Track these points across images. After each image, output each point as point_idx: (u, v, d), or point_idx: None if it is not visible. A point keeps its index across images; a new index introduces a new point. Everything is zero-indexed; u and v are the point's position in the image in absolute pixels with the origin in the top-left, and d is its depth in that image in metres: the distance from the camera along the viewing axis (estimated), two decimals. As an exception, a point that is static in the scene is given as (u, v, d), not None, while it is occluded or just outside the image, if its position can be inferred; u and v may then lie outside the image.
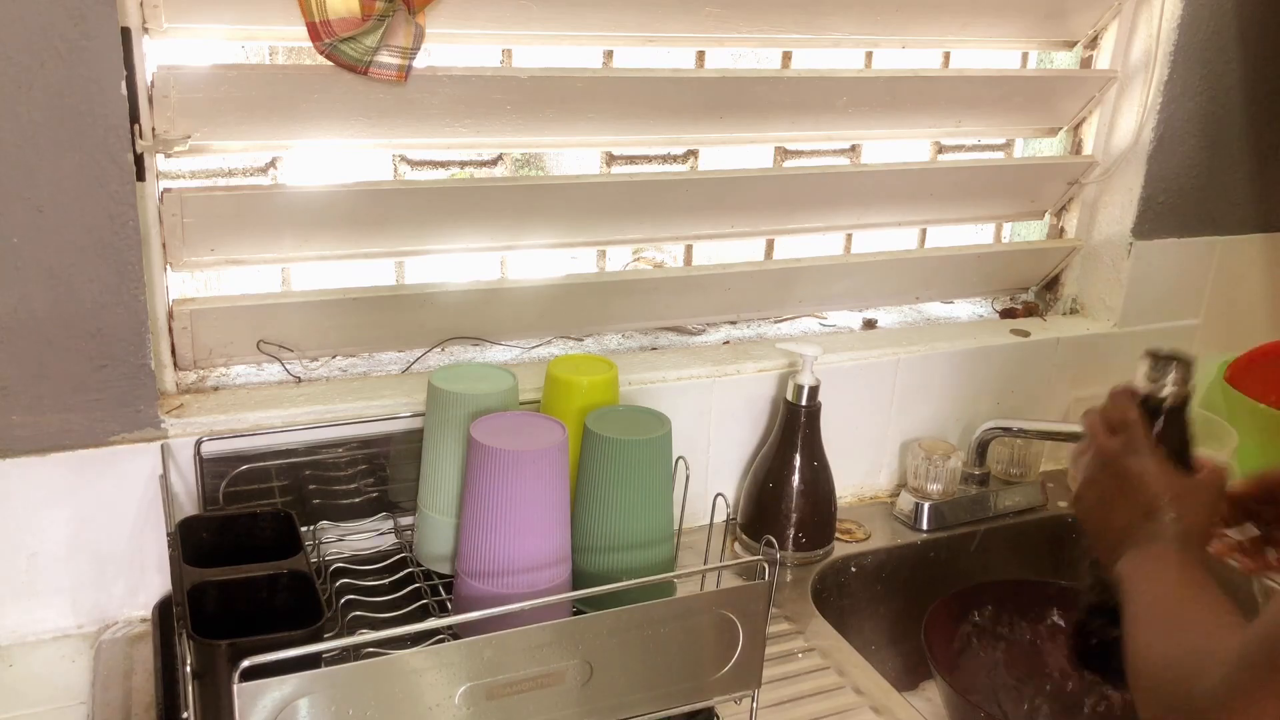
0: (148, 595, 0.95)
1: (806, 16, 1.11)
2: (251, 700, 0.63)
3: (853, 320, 1.33)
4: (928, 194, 1.28)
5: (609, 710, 0.76)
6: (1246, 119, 1.34)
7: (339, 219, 1.00)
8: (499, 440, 0.80)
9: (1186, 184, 1.33)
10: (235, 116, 0.92)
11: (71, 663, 0.90)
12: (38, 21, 0.78)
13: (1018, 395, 1.32)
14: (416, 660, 0.68)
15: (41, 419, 0.88)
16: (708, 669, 0.78)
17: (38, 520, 0.90)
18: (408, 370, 1.08)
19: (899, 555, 1.18)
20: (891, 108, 1.20)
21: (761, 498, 1.12)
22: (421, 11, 0.90)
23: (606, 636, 0.73)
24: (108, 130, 0.83)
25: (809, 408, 1.10)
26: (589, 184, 1.08)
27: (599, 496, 0.87)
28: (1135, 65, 1.29)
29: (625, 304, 1.17)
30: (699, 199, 1.14)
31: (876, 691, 0.93)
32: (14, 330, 0.85)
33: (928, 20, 1.18)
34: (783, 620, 1.02)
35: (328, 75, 0.91)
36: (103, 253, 0.86)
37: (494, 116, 1.01)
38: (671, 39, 1.08)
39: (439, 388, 0.90)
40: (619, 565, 0.88)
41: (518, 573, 0.80)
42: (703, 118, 1.11)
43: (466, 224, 1.06)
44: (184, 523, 0.83)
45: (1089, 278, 1.39)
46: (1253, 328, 1.48)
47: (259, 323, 1.01)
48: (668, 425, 0.89)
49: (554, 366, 0.96)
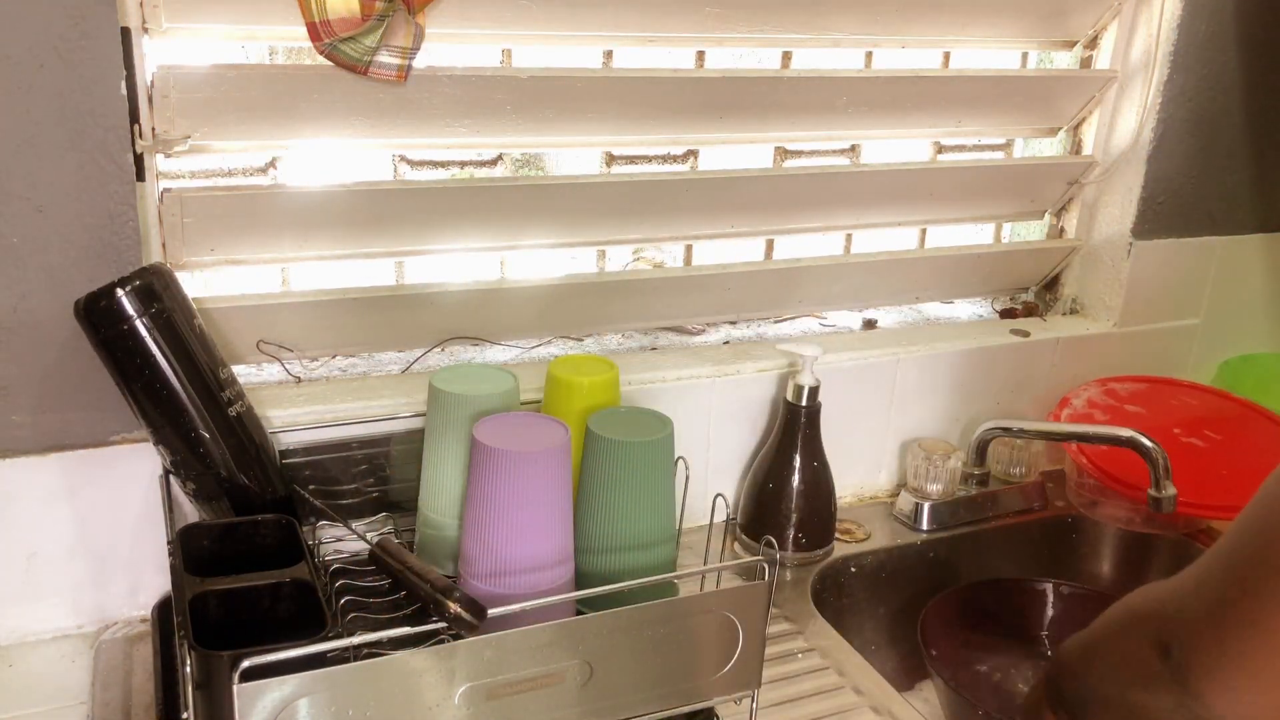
0: (147, 595, 0.95)
1: (806, 16, 1.11)
2: (251, 701, 0.63)
3: (853, 320, 1.33)
4: (927, 194, 1.28)
5: (609, 710, 0.76)
6: (1246, 119, 1.34)
7: (339, 219, 1.00)
8: (502, 441, 0.80)
9: (1186, 184, 1.33)
10: (235, 116, 0.92)
11: (71, 663, 0.90)
12: (38, 21, 0.78)
13: (1018, 395, 1.32)
14: (416, 660, 0.68)
15: (41, 419, 0.88)
16: (708, 669, 0.78)
17: (38, 520, 0.90)
18: (408, 370, 1.08)
19: (899, 555, 1.18)
20: (891, 108, 1.20)
21: (761, 498, 1.12)
22: (421, 11, 0.90)
23: (606, 637, 0.73)
24: (108, 130, 0.83)
25: (809, 408, 1.10)
26: (589, 184, 1.08)
27: (601, 498, 0.87)
28: (1135, 65, 1.29)
29: (625, 304, 1.17)
30: (699, 199, 1.14)
31: (876, 691, 0.93)
32: (14, 330, 0.85)
33: (928, 20, 1.18)
34: (783, 620, 1.02)
35: (328, 75, 0.91)
36: (103, 253, 0.86)
37: (494, 116, 1.01)
38: (671, 39, 1.08)
39: (440, 389, 0.90)
40: (621, 566, 0.88)
41: (520, 573, 0.80)
42: (703, 118, 1.11)
43: (466, 224, 1.06)
44: (185, 530, 0.83)
45: (1089, 278, 1.39)
46: (1253, 328, 1.48)
47: (259, 323, 1.01)
48: (669, 427, 0.89)
49: (555, 367, 0.96)
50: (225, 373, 0.85)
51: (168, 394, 0.81)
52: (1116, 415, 1.28)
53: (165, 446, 0.84)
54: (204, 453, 0.84)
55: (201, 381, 0.82)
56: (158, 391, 0.81)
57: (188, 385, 0.82)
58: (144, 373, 0.80)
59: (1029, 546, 1.27)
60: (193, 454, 0.83)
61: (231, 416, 0.85)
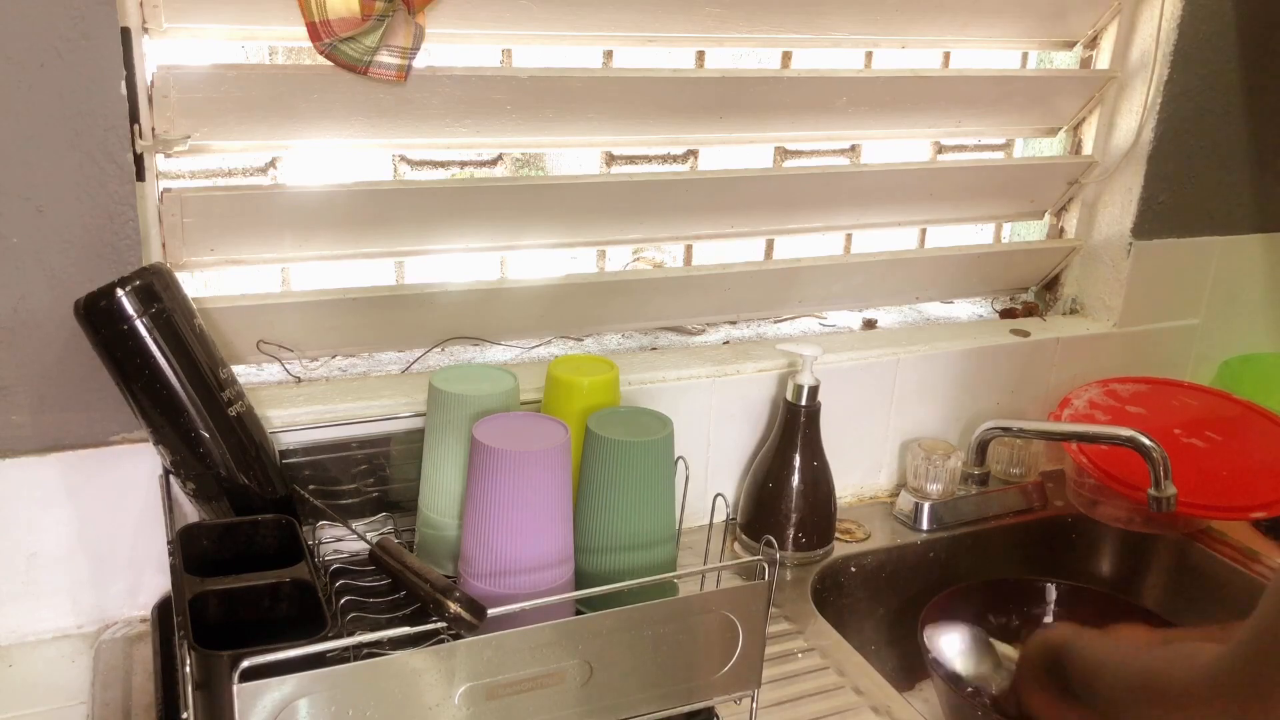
0: (147, 595, 0.95)
1: (806, 16, 1.11)
2: (251, 701, 0.63)
3: (853, 320, 1.33)
4: (927, 194, 1.28)
5: (609, 710, 0.76)
6: (1246, 119, 1.34)
7: (339, 219, 1.00)
8: (502, 441, 0.80)
9: (1186, 184, 1.33)
10: (235, 116, 0.92)
11: (71, 663, 0.90)
12: (38, 21, 0.78)
13: (1018, 395, 1.32)
14: (416, 660, 0.68)
15: (41, 419, 0.88)
16: (708, 669, 0.78)
17: (38, 520, 0.90)
18: (407, 370, 1.09)
19: (899, 555, 1.18)
20: (891, 108, 1.20)
21: (761, 498, 1.12)
22: (421, 11, 0.90)
23: (606, 636, 0.73)
24: (108, 130, 0.83)
25: (809, 408, 1.10)
26: (589, 184, 1.08)
27: (601, 498, 0.87)
28: (1135, 65, 1.29)
29: (625, 304, 1.17)
30: (699, 199, 1.14)
31: (876, 691, 0.93)
32: (14, 330, 0.85)
33: (928, 20, 1.18)
34: (783, 620, 1.02)
35: (328, 75, 0.91)
36: (103, 253, 0.86)
37: (494, 116, 1.01)
38: (671, 39, 1.08)
39: (440, 389, 0.90)
40: (622, 566, 0.88)
41: (520, 573, 0.80)
42: (703, 118, 1.11)
43: (466, 224, 1.06)
44: (184, 530, 0.83)
45: (1089, 278, 1.39)
46: (1253, 328, 1.48)
47: (259, 323, 1.01)
48: (670, 427, 0.89)
49: (555, 367, 0.96)
50: (225, 373, 0.85)
51: (168, 394, 0.81)
52: (1118, 416, 1.28)
53: (165, 446, 0.84)
54: (204, 453, 0.84)
55: (201, 381, 0.82)
56: (158, 391, 0.81)
57: (188, 385, 0.82)
58: (144, 373, 0.80)
59: (1029, 546, 1.27)
60: (193, 454, 0.83)
61: (231, 416, 0.84)
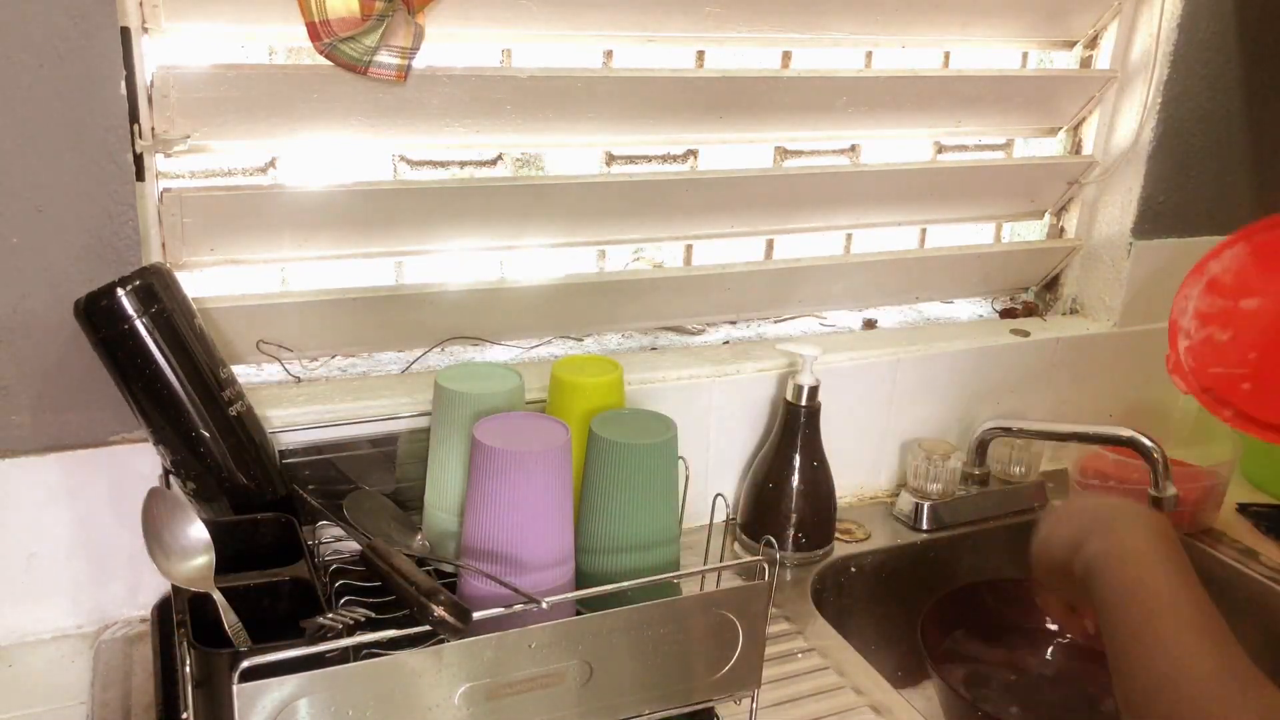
0: (147, 595, 0.95)
1: (806, 16, 1.11)
2: (251, 701, 0.63)
3: (853, 320, 1.33)
4: (927, 194, 1.28)
5: (609, 710, 0.76)
6: (1246, 119, 1.34)
7: (338, 219, 1.00)
8: (501, 441, 0.79)
9: (1186, 184, 1.33)
10: (234, 116, 0.92)
11: (71, 663, 0.90)
12: (38, 21, 0.78)
13: (1018, 395, 1.32)
14: (416, 660, 0.68)
15: (41, 419, 0.88)
16: (708, 669, 0.78)
17: (38, 520, 0.90)
18: (407, 370, 1.08)
19: (899, 555, 1.18)
20: (891, 108, 1.20)
21: (761, 498, 1.12)
22: (421, 11, 0.90)
23: (606, 636, 0.73)
24: (108, 130, 0.83)
25: (809, 408, 1.10)
26: (589, 184, 1.08)
27: (603, 499, 0.87)
28: (1135, 65, 1.29)
29: (625, 304, 1.17)
30: (699, 199, 1.14)
31: (876, 691, 0.93)
32: (14, 330, 0.85)
33: (928, 20, 1.18)
34: (783, 620, 1.02)
35: (327, 75, 0.91)
36: (103, 253, 0.86)
37: (494, 116, 1.01)
38: (671, 39, 1.08)
39: (445, 387, 0.90)
40: (623, 567, 0.88)
41: (521, 573, 0.80)
42: (703, 118, 1.11)
43: (466, 224, 1.06)
44: (184, 529, 0.83)
45: (1089, 278, 1.39)
46: (1252, 328, 1.48)
47: (258, 323, 1.01)
48: (673, 429, 0.89)
49: (558, 368, 0.96)
50: (225, 373, 0.85)
51: (168, 394, 0.81)
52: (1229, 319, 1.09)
53: (165, 446, 0.84)
54: (204, 452, 0.84)
55: (201, 381, 0.82)
56: (158, 391, 0.81)
57: (188, 385, 0.82)
58: (144, 372, 0.80)
59: (1029, 546, 1.26)
60: (193, 454, 0.83)
61: (231, 416, 0.85)
